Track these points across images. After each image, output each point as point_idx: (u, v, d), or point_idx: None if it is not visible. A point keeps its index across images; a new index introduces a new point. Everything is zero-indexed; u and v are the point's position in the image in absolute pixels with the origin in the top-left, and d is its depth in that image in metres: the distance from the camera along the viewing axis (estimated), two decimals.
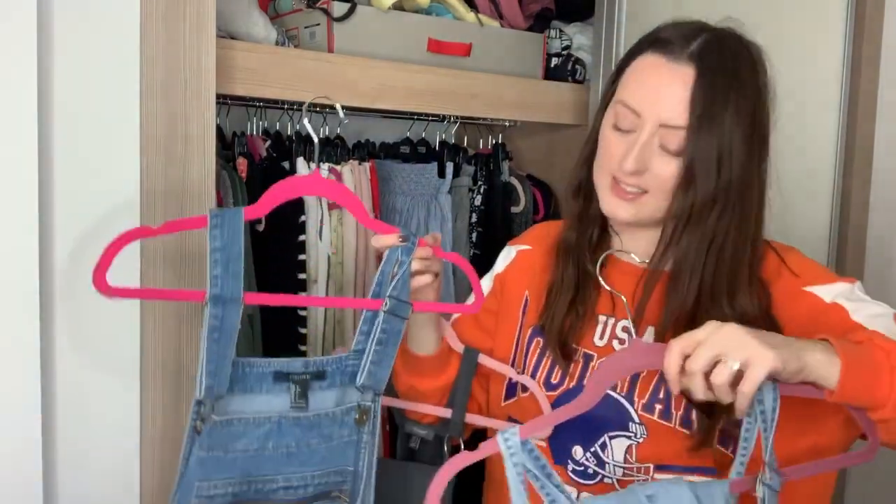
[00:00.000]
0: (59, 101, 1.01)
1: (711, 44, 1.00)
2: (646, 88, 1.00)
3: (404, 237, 0.99)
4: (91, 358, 1.06)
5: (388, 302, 0.98)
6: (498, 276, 1.21)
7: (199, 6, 1.12)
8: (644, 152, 0.99)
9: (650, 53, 1.02)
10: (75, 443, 1.06)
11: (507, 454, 0.81)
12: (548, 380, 1.08)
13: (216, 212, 0.91)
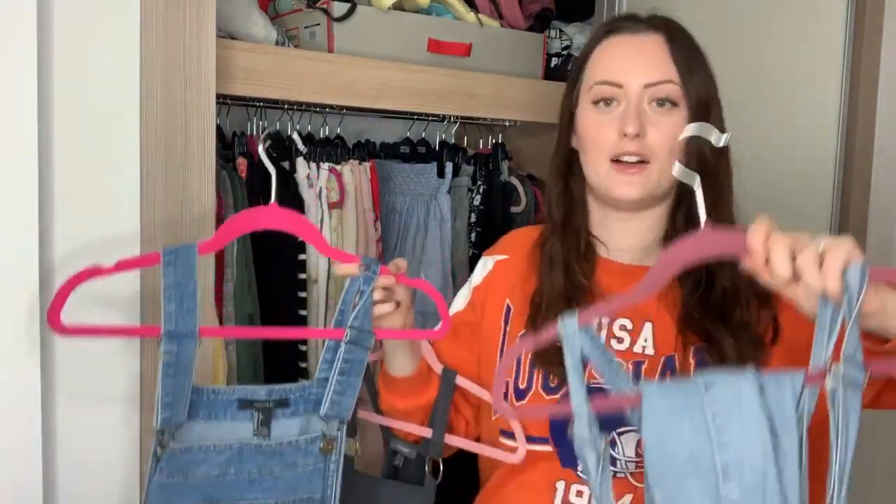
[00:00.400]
0: (59, 101, 1.01)
1: (661, 17, 1.07)
2: (620, 60, 1.04)
3: (366, 266, 0.98)
4: (91, 358, 1.06)
5: (348, 333, 0.97)
6: (476, 287, 1.19)
7: (199, 6, 1.12)
8: (639, 114, 1.00)
9: (608, 38, 1.06)
10: (75, 444, 1.06)
11: (566, 338, 0.78)
12: (545, 383, 1.07)
13: (169, 249, 0.91)
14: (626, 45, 1.04)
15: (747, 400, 0.74)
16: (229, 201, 1.37)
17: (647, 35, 1.04)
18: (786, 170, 1.69)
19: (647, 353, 1.04)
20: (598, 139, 1.04)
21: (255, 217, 0.97)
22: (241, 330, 1.02)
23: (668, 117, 1.01)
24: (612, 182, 1.03)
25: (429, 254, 1.69)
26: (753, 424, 0.74)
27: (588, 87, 1.06)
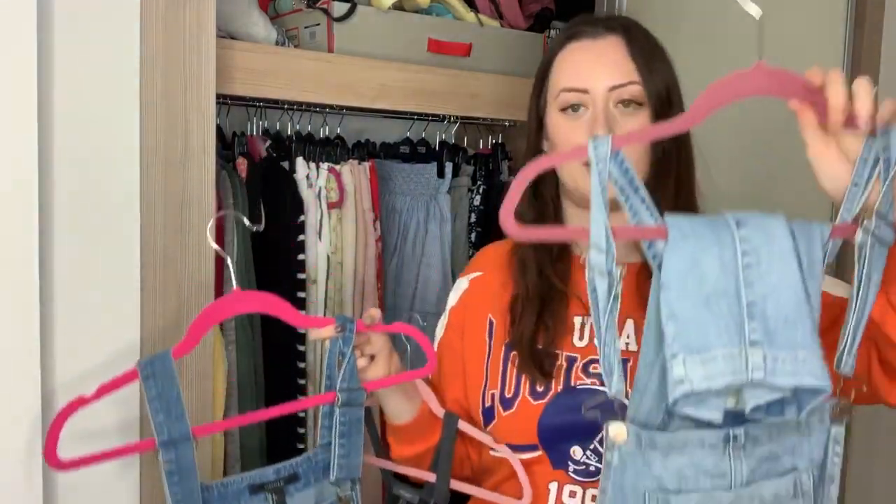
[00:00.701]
0: (59, 102, 1.01)
1: (618, 18, 1.10)
2: (583, 65, 1.06)
3: (341, 327, 0.98)
4: (91, 358, 1.06)
5: (340, 396, 0.98)
6: (452, 309, 1.19)
7: (199, 6, 1.12)
8: (607, 118, 1.03)
9: (568, 45, 1.08)
10: (75, 445, 1.06)
11: (594, 161, 0.74)
12: (533, 389, 1.07)
13: (145, 361, 0.90)
14: (588, 50, 1.06)
15: (780, 241, 0.72)
16: (229, 201, 1.37)
17: (605, 38, 1.06)
18: (785, 169, 1.69)
19: (631, 349, 1.05)
20: (569, 144, 1.06)
21: (222, 307, 0.95)
22: (234, 420, 1.01)
23: (634, 118, 1.04)
24: (587, 183, 1.04)
25: (429, 254, 1.69)
26: (785, 265, 0.72)
27: (554, 94, 1.08)
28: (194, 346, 0.92)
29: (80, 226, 1.04)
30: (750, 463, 0.77)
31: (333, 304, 1.50)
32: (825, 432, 0.78)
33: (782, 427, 0.78)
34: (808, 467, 0.78)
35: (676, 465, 0.75)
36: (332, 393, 0.98)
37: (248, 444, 1.40)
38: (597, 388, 1.03)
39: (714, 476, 0.75)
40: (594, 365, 1.05)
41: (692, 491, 0.75)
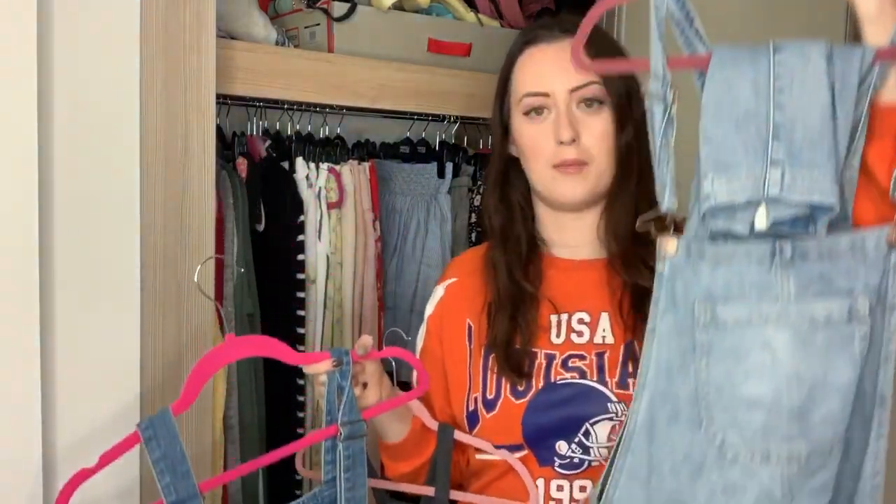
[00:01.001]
0: (59, 101, 1.01)
1: (570, 18, 1.09)
2: (543, 70, 1.08)
3: (337, 360, 0.97)
4: (91, 358, 1.06)
5: (342, 431, 0.98)
6: (430, 317, 1.20)
7: (199, 6, 1.12)
8: (571, 119, 1.05)
9: (527, 48, 1.10)
10: (75, 443, 1.06)
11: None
12: (514, 389, 1.08)
13: (145, 423, 0.89)
14: (546, 54, 1.08)
15: (813, 65, 0.75)
16: (229, 201, 1.37)
17: (562, 40, 1.07)
18: None
19: (608, 342, 1.07)
20: (536, 149, 1.08)
21: (218, 356, 0.94)
22: (241, 468, 1.01)
23: (598, 116, 1.06)
24: (556, 185, 1.08)
25: (429, 254, 1.69)
26: (815, 89, 0.75)
27: (517, 99, 1.10)
28: (192, 400, 0.91)
29: (80, 226, 1.04)
30: (800, 280, 0.78)
31: (333, 304, 1.50)
32: (881, 258, 0.78)
33: (833, 247, 0.78)
34: (865, 292, 0.78)
35: (724, 277, 0.78)
36: (334, 426, 0.98)
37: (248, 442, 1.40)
38: (577, 381, 1.05)
39: (760, 288, 0.78)
40: (573, 359, 1.07)
41: (738, 299, 0.78)
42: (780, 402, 0.78)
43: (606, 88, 1.05)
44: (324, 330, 1.50)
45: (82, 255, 1.04)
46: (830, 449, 0.80)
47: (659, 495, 0.82)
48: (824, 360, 0.77)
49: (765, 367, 0.78)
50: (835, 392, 0.78)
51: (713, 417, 0.80)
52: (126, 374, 1.10)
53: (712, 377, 0.79)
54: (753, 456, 0.79)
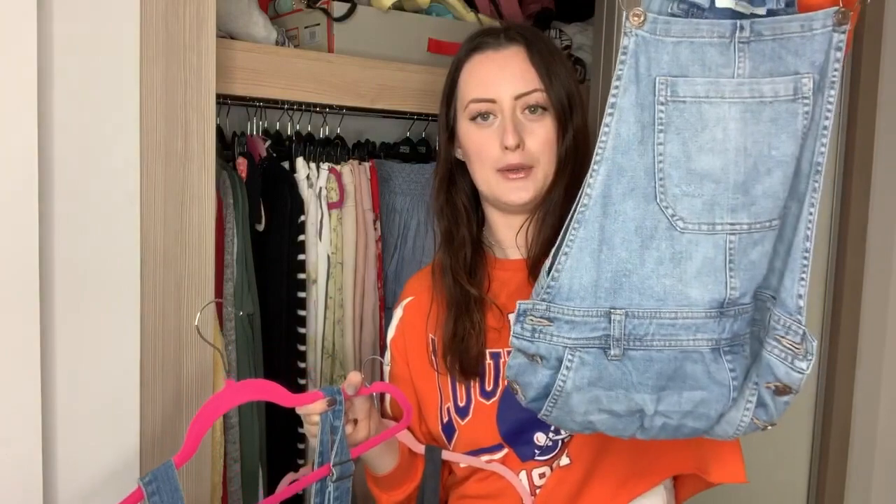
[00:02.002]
0: (59, 101, 1.01)
1: (519, 28, 1.14)
2: (488, 77, 1.10)
3: (330, 400, 0.98)
4: (91, 358, 1.06)
5: (334, 471, 0.99)
6: (392, 340, 1.21)
7: (199, 6, 1.12)
8: (516, 125, 1.07)
9: (473, 56, 1.13)
10: (75, 443, 1.06)
11: None
12: (482, 391, 1.10)
13: (148, 478, 0.88)
14: (492, 61, 1.11)
15: None
16: (229, 201, 1.37)
17: (508, 48, 1.10)
18: None
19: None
20: (481, 153, 1.10)
21: (218, 403, 0.94)
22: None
23: (541, 122, 1.08)
24: (501, 190, 1.09)
25: (429, 254, 1.69)
26: None
27: (463, 105, 1.12)
28: (194, 451, 0.91)
29: (80, 226, 1.04)
30: (754, 59, 0.82)
31: (334, 303, 1.50)
32: (827, 37, 0.82)
33: (786, 27, 0.82)
34: (810, 73, 0.82)
35: (686, 53, 0.82)
36: (326, 467, 0.99)
37: (249, 448, 1.40)
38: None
39: (719, 66, 0.82)
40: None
41: (699, 76, 0.82)
42: (728, 175, 0.82)
43: (548, 95, 1.08)
44: (325, 330, 1.50)
45: (82, 254, 1.04)
46: (770, 222, 0.84)
47: (608, 265, 0.85)
48: (769, 136, 0.83)
49: (716, 141, 0.82)
50: (776, 166, 0.83)
51: (667, 190, 0.84)
52: (126, 373, 1.10)
53: (668, 151, 0.83)
54: (700, 226, 0.84)
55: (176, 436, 1.14)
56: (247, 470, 1.40)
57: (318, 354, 1.49)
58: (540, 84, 1.08)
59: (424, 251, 1.70)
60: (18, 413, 1.00)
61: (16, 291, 0.98)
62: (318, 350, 1.49)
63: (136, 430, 1.11)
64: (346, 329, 1.53)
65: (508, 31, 1.12)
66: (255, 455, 1.41)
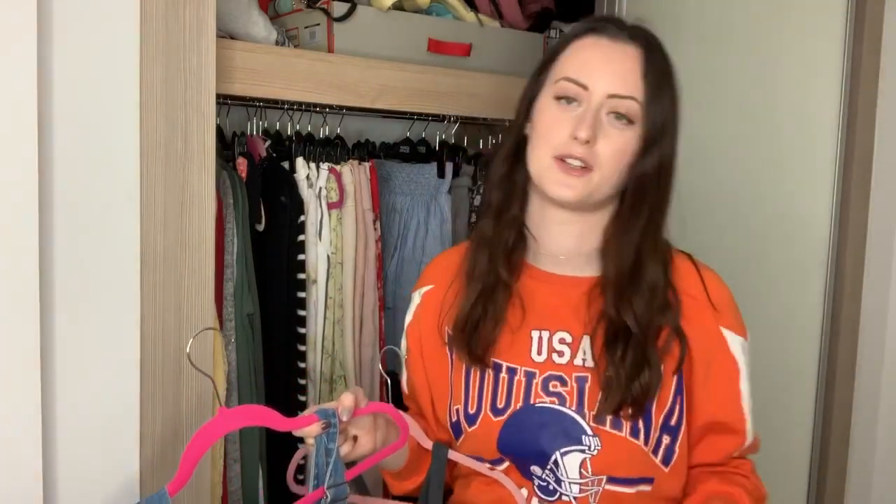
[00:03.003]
0: (58, 101, 1.01)
1: (644, 29, 1.07)
2: (592, 63, 1.03)
3: (325, 423, 0.97)
4: (91, 358, 1.06)
5: (328, 494, 0.98)
6: (409, 325, 1.19)
7: (199, 6, 1.12)
8: (595, 122, 1.00)
9: (586, 36, 1.06)
10: (75, 443, 1.06)
11: None
12: (493, 405, 1.06)
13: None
14: (602, 49, 1.04)
15: None
16: (229, 201, 1.37)
17: (625, 45, 1.03)
18: (786, 170, 1.69)
19: (588, 365, 1.04)
20: (548, 133, 1.03)
21: (210, 431, 0.93)
22: None
23: (622, 132, 1.01)
24: (550, 179, 1.03)
25: (429, 254, 1.69)
26: None
27: (554, 79, 1.05)
28: (188, 479, 0.90)
29: (80, 225, 1.04)
30: None
31: (334, 304, 1.50)
32: None
33: None
34: None
35: None
36: (321, 489, 0.98)
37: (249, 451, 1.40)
38: (555, 408, 1.03)
39: None
40: (553, 382, 1.05)
41: None
42: None
43: (644, 111, 1.01)
44: (324, 330, 1.50)
45: (82, 254, 1.04)
46: None
47: None
48: None
49: None
50: None
51: None
52: (125, 373, 1.10)
53: None
54: None
55: (175, 434, 1.14)
56: (247, 470, 1.39)
57: (317, 354, 1.49)
58: (640, 94, 1.01)
59: (424, 251, 1.70)
60: (18, 414, 1.00)
61: (16, 292, 0.98)
62: (318, 350, 1.49)
63: (136, 431, 1.11)
64: (346, 329, 1.53)
65: (634, 29, 1.05)
66: (255, 455, 1.41)
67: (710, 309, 1.06)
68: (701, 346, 1.05)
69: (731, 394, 1.06)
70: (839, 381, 1.62)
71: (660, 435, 1.03)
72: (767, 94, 1.67)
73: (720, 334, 1.06)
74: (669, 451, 1.04)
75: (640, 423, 1.01)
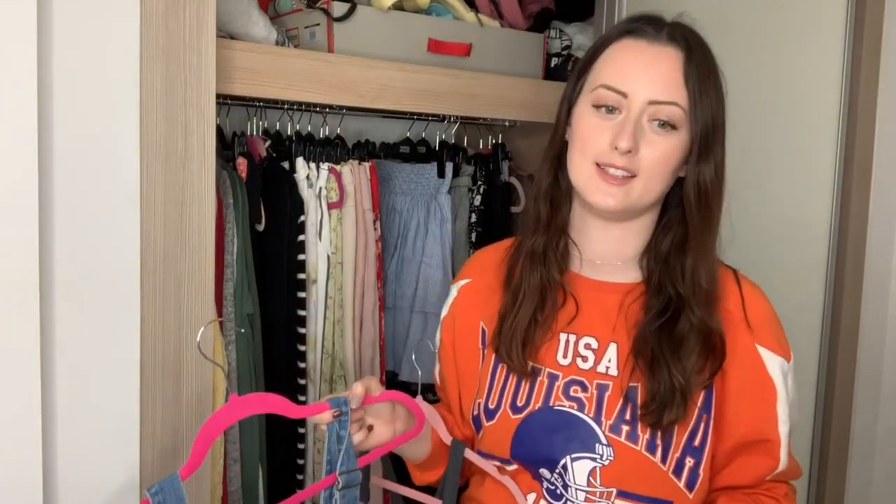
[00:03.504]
0: (59, 101, 1.01)
1: (684, 28, 1.03)
2: (631, 69, 0.99)
3: (336, 411, 0.98)
4: (91, 358, 1.06)
5: (340, 480, 0.99)
6: (444, 318, 1.19)
7: (199, 6, 1.12)
8: (636, 129, 0.98)
9: (624, 39, 1.02)
10: (75, 442, 1.06)
11: None
12: (514, 403, 1.06)
13: (155, 488, 0.89)
14: (641, 54, 1.00)
15: None
16: (229, 201, 1.37)
17: (664, 47, 0.99)
18: (786, 169, 1.69)
19: (611, 373, 1.03)
20: (588, 142, 1.01)
21: (222, 418, 0.93)
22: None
23: (665, 138, 0.99)
24: (592, 187, 1.01)
25: (429, 254, 1.69)
26: None
27: (593, 85, 1.02)
28: (199, 464, 0.91)
29: (80, 225, 1.04)
30: None
31: (334, 303, 1.50)
32: None
33: None
34: None
35: None
36: (332, 476, 0.99)
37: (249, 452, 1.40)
38: (573, 413, 1.02)
39: None
40: (574, 387, 1.04)
41: None
42: None
43: (688, 115, 0.98)
44: (324, 330, 1.50)
45: (82, 254, 1.04)
46: None
47: None
48: None
49: None
50: None
51: None
52: (126, 373, 1.10)
53: None
54: None
55: (175, 434, 1.14)
56: (247, 470, 1.39)
57: (317, 354, 1.49)
58: (682, 99, 0.97)
59: (424, 251, 1.70)
60: (18, 413, 1.00)
61: (16, 292, 0.98)
62: (318, 350, 1.49)
63: (137, 429, 1.11)
64: (346, 329, 1.53)
65: (674, 29, 1.01)
66: (255, 455, 1.41)
67: (745, 325, 1.02)
68: (733, 362, 1.01)
69: (766, 415, 1.02)
70: (839, 381, 1.62)
71: (682, 456, 0.99)
72: (767, 94, 1.67)
73: (755, 352, 1.02)
74: (694, 474, 0.99)
75: (659, 439, 0.98)
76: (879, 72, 1.55)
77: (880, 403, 1.62)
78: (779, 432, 1.02)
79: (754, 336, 1.02)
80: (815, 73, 1.61)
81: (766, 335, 1.03)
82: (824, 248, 1.63)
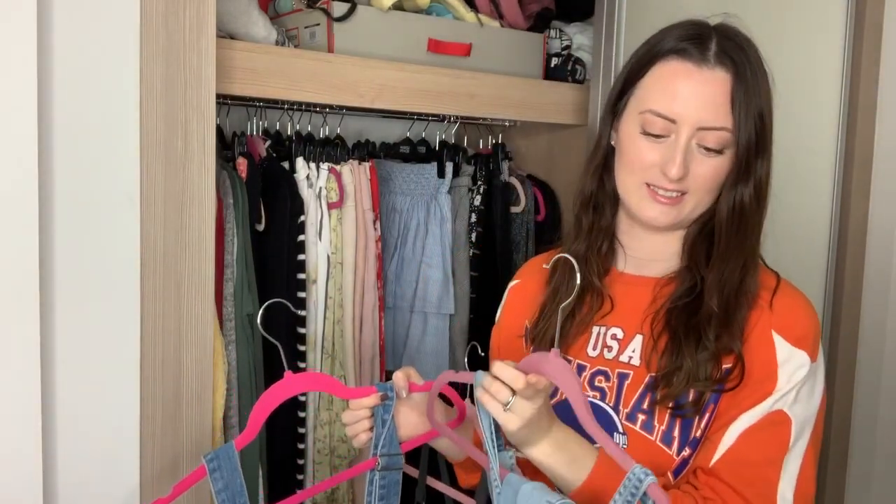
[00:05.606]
0: (59, 101, 1.01)
1: (729, 42, 1.02)
2: (679, 96, 0.99)
3: (384, 395, 1.01)
4: (91, 357, 1.06)
5: (380, 461, 1.02)
6: (500, 316, 1.21)
7: (199, 6, 1.12)
8: (686, 154, 0.99)
9: (672, 60, 1.01)
10: (75, 443, 1.06)
11: None
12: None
13: (211, 455, 0.93)
14: (689, 79, 0.99)
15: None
16: (229, 201, 1.37)
17: (712, 70, 0.99)
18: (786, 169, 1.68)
19: (633, 363, 1.04)
20: (637, 164, 1.02)
21: (279, 391, 0.99)
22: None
23: (713, 159, 1.00)
24: (644, 205, 1.03)
25: (429, 254, 1.69)
26: None
27: (640, 108, 1.02)
28: (254, 435, 0.96)
29: (80, 226, 1.04)
30: None
31: (334, 303, 1.50)
32: None
33: None
34: None
35: None
36: (373, 459, 1.01)
37: None
38: (593, 402, 1.03)
39: None
40: (599, 377, 1.05)
41: None
42: None
43: (735, 137, 0.99)
44: (324, 330, 1.50)
45: (82, 254, 1.04)
46: None
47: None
48: None
49: None
50: None
51: None
52: (126, 372, 1.10)
53: None
54: None
55: (175, 434, 1.14)
56: (247, 470, 1.39)
57: (317, 354, 1.49)
58: (731, 123, 0.98)
59: (424, 251, 1.70)
60: (18, 414, 1.00)
61: (16, 292, 0.98)
62: (318, 350, 1.49)
63: (136, 428, 1.11)
64: (346, 329, 1.53)
65: (720, 52, 1.00)
66: (256, 454, 1.41)
67: (767, 310, 1.01)
68: (747, 346, 1.00)
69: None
70: (839, 381, 1.62)
71: (693, 451, 0.98)
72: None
73: (769, 337, 1.00)
74: (683, 464, 0.99)
75: (677, 430, 0.98)
76: (879, 72, 1.55)
77: (880, 403, 1.62)
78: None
79: (773, 320, 1.00)
80: (815, 73, 1.61)
81: (788, 325, 1.00)
82: (824, 249, 1.63)
